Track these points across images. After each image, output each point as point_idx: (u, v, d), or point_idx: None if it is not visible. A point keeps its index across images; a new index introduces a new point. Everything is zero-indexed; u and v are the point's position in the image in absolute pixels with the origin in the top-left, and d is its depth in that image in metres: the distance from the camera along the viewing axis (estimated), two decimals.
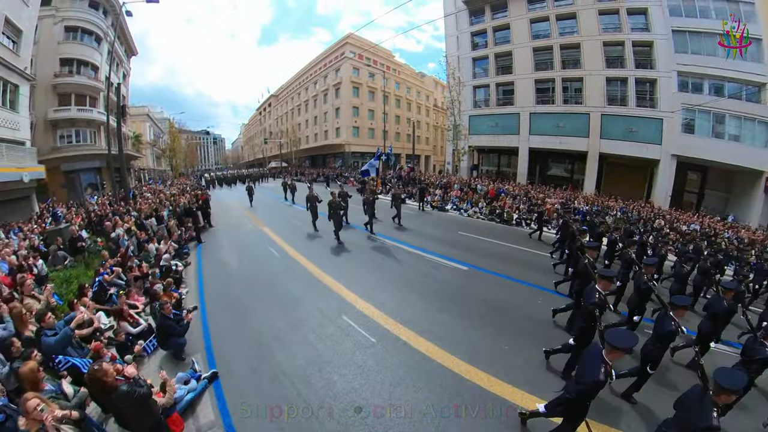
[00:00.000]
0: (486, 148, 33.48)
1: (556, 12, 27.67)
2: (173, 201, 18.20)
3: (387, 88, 45.66)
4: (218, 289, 9.01)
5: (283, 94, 64.58)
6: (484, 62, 32.12)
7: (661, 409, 4.80)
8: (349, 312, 7.42)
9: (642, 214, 18.98)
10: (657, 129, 24.40)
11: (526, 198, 21.29)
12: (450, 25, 33.91)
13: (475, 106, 32.54)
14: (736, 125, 22.62)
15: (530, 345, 6.41)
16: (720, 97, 22.55)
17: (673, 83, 23.76)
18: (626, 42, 25.17)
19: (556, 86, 28.12)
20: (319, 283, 9.05)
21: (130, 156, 34.13)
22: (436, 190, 24.33)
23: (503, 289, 9.03)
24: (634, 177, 26.64)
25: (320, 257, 11.23)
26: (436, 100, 58.67)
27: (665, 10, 23.75)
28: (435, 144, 58.47)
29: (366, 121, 47.31)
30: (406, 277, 9.60)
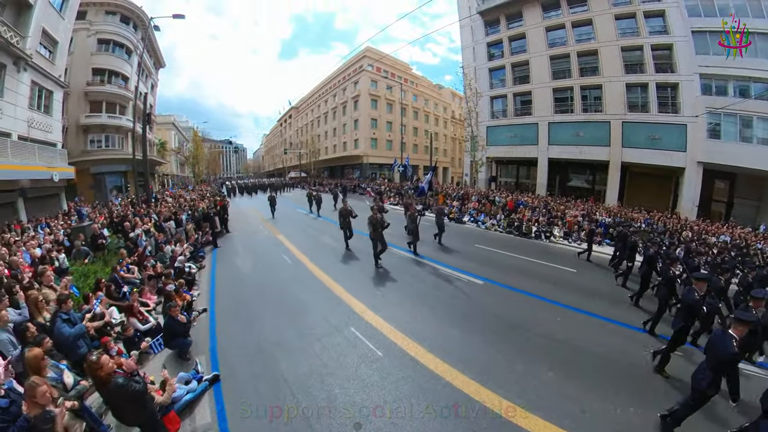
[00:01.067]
0: (504, 159, 33.10)
1: (572, 19, 27.40)
2: (192, 205, 18.73)
3: (405, 100, 46.38)
4: (229, 293, 9.11)
5: (303, 106, 66.24)
6: (500, 72, 31.98)
7: None
8: (356, 323, 7.28)
9: (668, 226, 17.97)
10: (681, 135, 23.44)
11: (546, 210, 20.64)
12: (466, 37, 34.04)
13: (492, 117, 32.35)
14: (765, 128, 21.42)
15: (547, 366, 6.02)
16: (746, 99, 21.41)
17: (696, 86, 22.87)
18: (645, 46, 24.53)
19: (574, 94, 27.63)
20: (329, 292, 9.00)
21: (155, 161, 35.80)
22: (454, 202, 24.04)
23: (520, 305, 8.64)
24: (659, 187, 25.64)
25: (331, 266, 11.23)
26: (454, 111, 58.77)
27: (683, 11, 23.08)
28: (453, 156, 58.53)
29: (384, 133, 47.79)
30: (417, 289, 9.36)
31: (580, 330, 7.56)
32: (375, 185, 36.05)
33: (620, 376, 5.99)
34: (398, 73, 49.61)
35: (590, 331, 7.56)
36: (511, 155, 31.51)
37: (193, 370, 5.44)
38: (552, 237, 17.57)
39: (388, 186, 34.62)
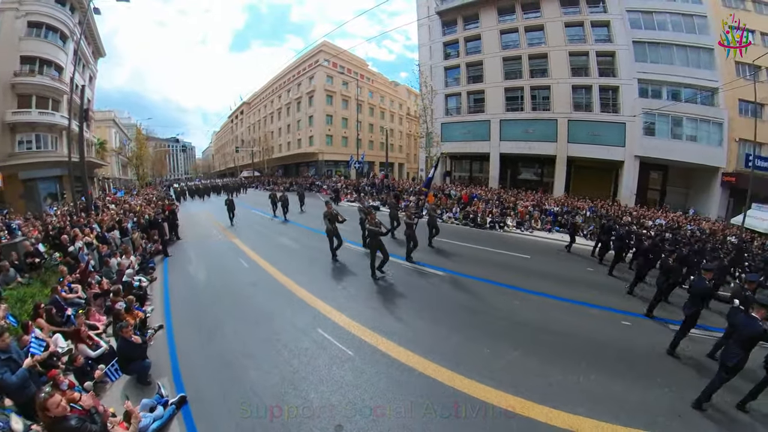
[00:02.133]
0: (458, 155, 34.03)
1: (525, 24, 29.00)
2: (138, 212, 17.20)
3: (361, 97, 45.86)
4: (186, 305, 8.52)
5: (255, 101, 63.72)
6: (455, 71, 32.86)
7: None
8: (323, 324, 7.16)
9: (610, 213, 19.90)
10: (620, 132, 25.97)
11: (499, 202, 21.98)
12: (423, 36, 34.60)
13: (447, 114, 33.17)
14: (693, 127, 24.80)
15: (512, 347, 6.50)
16: (677, 102, 24.69)
17: (634, 90, 25.53)
18: (590, 52, 26.83)
19: (524, 94, 29.16)
20: (292, 296, 8.73)
21: (94, 164, 32.27)
22: (410, 197, 24.58)
23: (481, 293, 9.08)
24: (601, 178, 28.04)
25: (292, 268, 10.84)
26: (409, 108, 59.23)
27: (626, 23, 25.67)
28: (408, 152, 58.99)
29: (339, 130, 47.20)
30: (381, 285, 9.39)
31: (538, 311, 8.22)
32: (331, 183, 35.59)
33: (579, 349, 6.64)
34: (354, 69, 49.09)
35: (548, 311, 8.25)
36: (465, 151, 32.54)
37: (156, 395, 5.05)
38: (506, 227, 18.78)
39: (344, 183, 34.31)
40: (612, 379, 5.77)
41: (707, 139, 24.59)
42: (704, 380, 5.59)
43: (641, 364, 6.33)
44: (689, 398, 5.31)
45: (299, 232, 15.88)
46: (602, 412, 4.96)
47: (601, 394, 5.37)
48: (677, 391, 5.63)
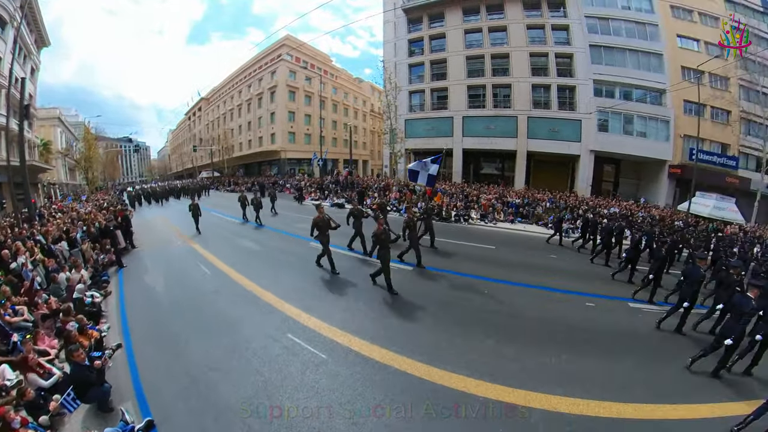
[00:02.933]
0: (422, 150, 33.87)
1: (489, 24, 30.14)
2: (88, 220, 15.72)
3: (324, 93, 45.15)
4: (145, 319, 7.92)
5: (214, 97, 60.94)
6: (419, 69, 33.17)
7: None
8: (293, 329, 6.91)
9: (568, 203, 21.34)
10: (576, 129, 27.71)
11: (463, 196, 22.76)
12: (389, 32, 34.54)
13: (410, 111, 33.43)
14: (643, 124, 27.20)
15: (483, 335, 6.73)
16: (629, 101, 26.92)
17: (590, 90, 27.32)
18: (550, 53, 28.39)
19: (487, 92, 30.14)
20: (259, 301, 8.36)
21: (37, 168, 29.14)
22: (375, 193, 24.77)
23: (450, 285, 9.19)
24: (559, 171, 29.91)
25: (256, 272, 10.40)
26: (373, 105, 58.83)
27: (584, 28, 27.48)
28: (372, 148, 58.63)
29: (302, 127, 46.07)
30: (349, 284, 9.24)
31: (506, 298, 8.52)
32: (294, 181, 34.77)
33: (549, 332, 7.04)
34: (318, 64, 48.09)
35: (516, 299, 8.60)
36: (429, 146, 32.49)
37: (121, 422, 4.68)
38: (470, 219, 19.42)
39: (308, 182, 33.66)
40: (582, 357, 6.21)
41: (655, 135, 27.04)
42: (665, 351, 6.69)
43: (607, 341, 6.88)
44: (654, 368, 6.03)
45: (270, 236, 15.23)
46: (577, 389, 5.28)
47: (573, 372, 5.73)
48: (643, 363, 6.23)
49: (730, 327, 5.86)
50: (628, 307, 8.61)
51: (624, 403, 5.09)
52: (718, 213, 21.51)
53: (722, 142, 27.81)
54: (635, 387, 5.46)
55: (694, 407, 5.22)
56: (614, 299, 8.96)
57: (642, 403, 5.16)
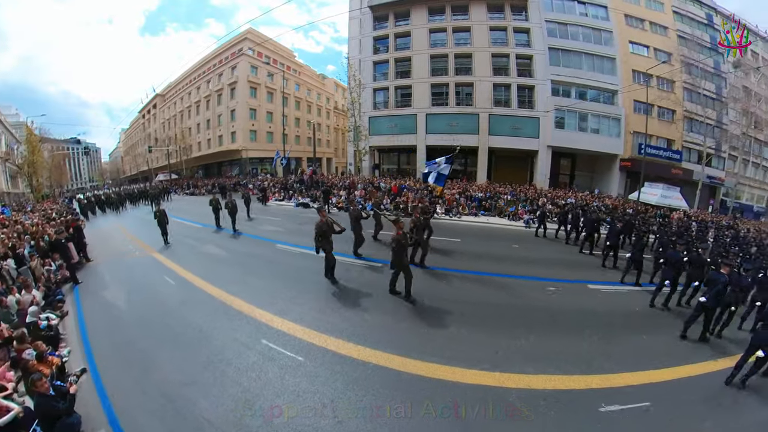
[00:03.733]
0: (386, 148, 34.46)
1: (454, 24, 30.75)
2: (36, 233, 13.46)
3: (287, 89, 43.95)
4: (109, 339, 7.06)
5: (170, 93, 57.56)
6: (384, 66, 33.07)
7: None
8: (267, 334, 6.70)
9: (528, 195, 22.39)
10: (535, 126, 29.16)
11: (427, 191, 22.27)
12: (354, 29, 34.25)
13: (375, 108, 33.15)
14: (596, 121, 29.34)
15: (455, 324, 7.02)
16: (584, 100, 28.85)
17: (548, 89, 28.90)
18: (511, 54, 29.58)
19: (450, 90, 30.63)
20: (229, 309, 7.87)
21: None
22: (341, 192, 24.24)
23: (418, 278, 9.16)
24: (519, 166, 31.09)
25: (224, 279, 9.67)
26: (337, 102, 58.00)
27: (544, 31, 29.06)
28: (336, 146, 57.63)
29: (264, 125, 44.46)
30: (320, 284, 9.03)
31: (476, 288, 8.90)
32: (257, 182, 33.25)
33: (517, 316, 7.50)
34: (281, 59, 46.62)
35: (484, 287, 8.96)
36: (393, 144, 32.99)
37: None
38: (435, 214, 18.80)
39: (271, 181, 32.36)
40: (549, 337, 6.77)
41: (608, 131, 29.32)
42: (622, 326, 7.47)
43: (570, 321, 7.46)
44: (615, 341, 6.75)
45: (237, 241, 14.13)
46: (547, 366, 5.78)
47: (542, 351, 6.22)
48: (604, 338, 6.86)
49: (709, 298, 6.86)
50: (587, 289, 9.34)
51: (590, 375, 5.68)
52: (665, 201, 23.65)
53: (668, 138, 30.92)
54: (599, 359, 6.09)
55: (656, 372, 5.90)
56: (574, 282, 9.57)
57: (607, 373, 5.75)
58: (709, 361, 6.43)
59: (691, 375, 5.95)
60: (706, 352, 6.72)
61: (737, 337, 7.31)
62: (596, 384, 5.54)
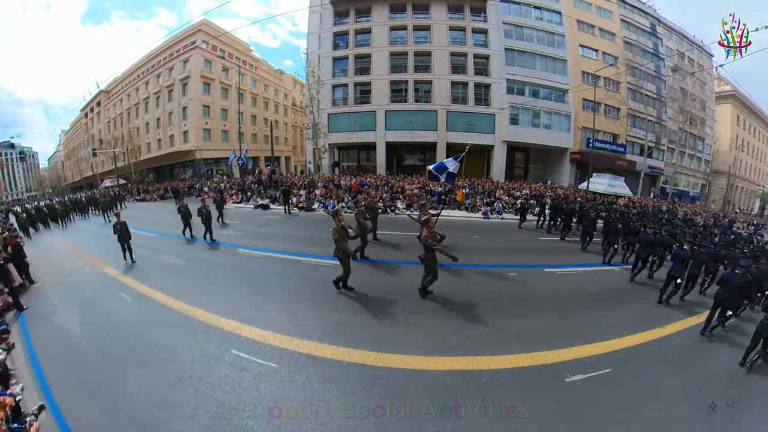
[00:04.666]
0: (345, 145, 34.27)
1: (414, 23, 31.42)
2: None
3: (243, 85, 41.65)
4: (66, 370, 6.25)
5: (116, 89, 53.06)
6: (343, 62, 32.75)
7: None
8: (236, 343, 6.43)
9: (486, 188, 23.55)
10: (491, 122, 30.66)
11: (388, 187, 23.15)
12: (314, 23, 33.54)
13: (334, 105, 32.76)
14: (548, 118, 31.51)
15: (427, 315, 7.27)
16: (537, 98, 30.99)
17: (503, 87, 30.46)
18: (469, 54, 30.79)
19: (409, 87, 31.05)
20: (193, 321, 7.39)
21: None
22: (301, 191, 23.65)
23: (384, 273, 9.55)
24: (476, 160, 31.70)
25: (186, 290, 9.01)
26: (295, 99, 56.33)
27: (501, 33, 30.73)
28: (295, 144, 55.82)
29: (218, 123, 42.23)
30: (287, 287, 8.88)
31: (443, 279, 8.68)
32: (213, 184, 31.60)
33: (482, 302, 7.88)
34: (237, 54, 44.33)
35: (448, 278, 8.96)
36: (352, 141, 32.79)
37: None
38: (396, 210, 19.95)
39: (228, 183, 30.82)
40: (514, 319, 7.26)
41: (559, 127, 31.63)
42: (578, 303, 8.20)
43: (531, 302, 8.11)
44: (573, 318, 7.49)
45: (195, 248, 13.06)
46: (515, 346, 6.25)
47: (509, 333, 6.71)
48: (563, 315, 7.54)
49: (676, 269, 8.44)
50: (545, 272, 10.04)
51: (554, 350, 6.24)
52: (612, 189, 26.18)
53: (613, 133, 34.68)
54: (561, 335, 6.74)
55: (613, 341, 6.74)
56: (533, 267, 10.11)
57: (569, 347, 6.37)
58: (657, 329, 7.34)
59: (643, 342, 6.85)
60: (655, 320, 7.69)
61: (699, 299, 9.07)
62: (560, 358, 6.10)
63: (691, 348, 6.86)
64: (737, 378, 6.03)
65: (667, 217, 19.66)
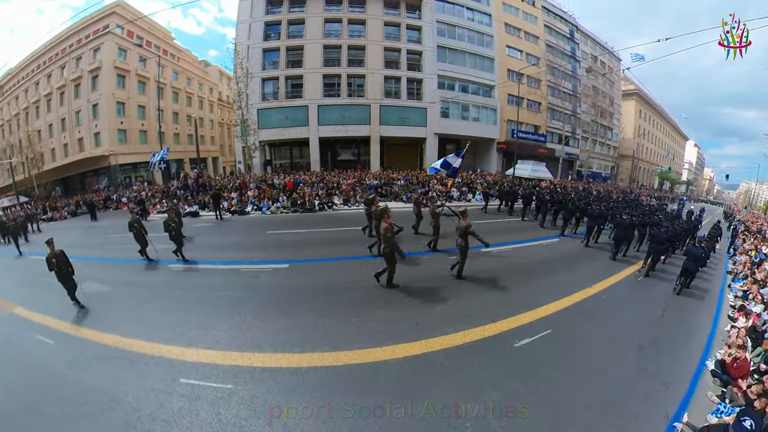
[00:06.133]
0: (277, 142, 33.09)
1: (349, 16, 31.06)
2: None
3: (163, 78, 37.61)
4: None
5: (10, 83, 44.45)
6: (274, 54, 31.29)
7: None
8: (183, 371, 5.78)
9: (420, 179, 24.98)
10: (423, 116, 31.96)
11: (323, 184, 22.95)
12: (244, 11, 31.39)
13: (263, 99, 31.20)
14: (476, 111, 34.31)
15: (375, 306, 7.46)
16: (466, 93, 33.34)
17: (434, 83, 32.00)
18: (402, 49, 31.62)
19: (342, 81, 30.74)
20: (129, 355, 6.43)
21: None
22: (232, 194, 22.15)
23: (329, 271, 9.60)
24: (409, 152, 33.91)
25: (112, 319, 7.80)
26: (221, 93, 52.19)
27: (434, 30, 32.18)
28: (222, 143, 51.92)
29: (135, 122, 36.88)
30: (229, 299, 8.23)
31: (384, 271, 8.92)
32: (133, 193, 27.56)
33: (427, 287, 8.31)
34: (156, 42, 39.25)
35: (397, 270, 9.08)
36: (284, 137, 31.76)
37: None
38: (334, 206, 20.03)
39: (150, 191, 27.34)
40: (458, 299, 7.85)
41: (486, 119, 34.63)
42: (514, 276, 9.35)
43: (472, 281, 8.79)
44: (512, 289, 8.58)
45: (114, 269, 11.39)
46: (462, 324, 6.76)
47: (455, 312, 7.26)
48: (503, 289, 8.56)
49: (620, 234, 11.83)
50: (481, 252, 10.20)
51: (500, 321, 6.96)
52: (535, 174, 30.05)
53: (535, 124, 39.41)
54: (503, 307, 7.54)
55: (551, 305, 7.89)
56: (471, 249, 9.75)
57: (513, 316, 7.18)
58: (586, 289, 9.01)
59: (574, 302, 8.20)
60: (586, 282, 9.39)
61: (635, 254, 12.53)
62: (506, 327, 6.82)
63: (615, 302, 8.63)
64: (655, 320, 7.91)
65: (603, 197, 24.58)
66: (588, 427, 4.72)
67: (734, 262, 14.07)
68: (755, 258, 13.24)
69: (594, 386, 5.47)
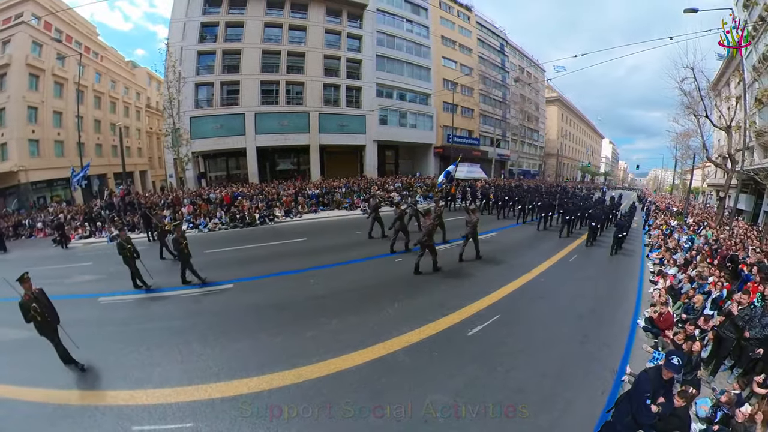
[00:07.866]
0: (212, 153, 31.15)
1: (290, 22, 30.54)
2: None
3: (84, 80, 32.65)
4: None
5: None
6: (209, 58, 29.48)
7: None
8: (134, 417, 4.98)
9: (360, 185, 25.56)
10: (362, 123, 32.68)
11: (263, 196, 21.97)
12: (179, 9, 28.89)
13: (197, 106, 29.30)
14: (414, 118, 35.88)
15: (327, 317, 7.45)
16: (404, 101, 34.73)
17: (373, 91, 33.03)
18: (342, 57, 32.02)
19: (280, 88, 30.01)
20: (71, 409, 5.29)
21: None
22: (164, 211, 19.41)
23: (277, 287, 9.36)
24: (349, 160, 34.32)
25: (38, 370, 6.26)
26: (150, 99, 46.97)
27: (374, 40, 33.28)
28: (151, 155, 46.46)
29: (51, 131, 31.02)
30: (172, 330, 7.39)
31: (333, 279, 9.47)
32: (49, 217, 22.21)
33: (378, 291, 8.75)
34: (78, 37, 34.32)
35: (341, 276, 9.71)
36: (219, 147, 29.89)
37: None
38: (275, 218, 19.42)
39: (69, 212, 22.77)
40: (410, 299, 8.28)
41: (423, 126, 36.44)
42: (459, 271, 10.28)
43: (420, 281, 9.37)
44: (458, 284, 9.38)
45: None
46: (417, 322, 7.15)
47: (408, 312, 7.63)
48: (450, 284, 9.23)
49: (566, 218, 16.55)
50: (426, 254, 10.29)
51: (447, 315, 7.50)
52: (471, 174, 33.46)
53: (469, 129, 43.47)
54: (451, 301, 8.20)
55: (495, 293, 8.82)
56: (416, 249, 10.62)
57: (462, 308, 7.81)
58: (526, 274, 10.35)
59: (517, 287, 9.35)
60: (531, 266, 11.11)
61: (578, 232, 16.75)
62: (458, 319, 7.39)
63: (553, 283, 9.97)
64: (590, 294, 9.32)
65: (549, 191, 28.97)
66: (546, 394, 5.25)
67: (650, 236, 18.04)
68: (666, 231, 17.51)
69: (546, 358, 6.21)
